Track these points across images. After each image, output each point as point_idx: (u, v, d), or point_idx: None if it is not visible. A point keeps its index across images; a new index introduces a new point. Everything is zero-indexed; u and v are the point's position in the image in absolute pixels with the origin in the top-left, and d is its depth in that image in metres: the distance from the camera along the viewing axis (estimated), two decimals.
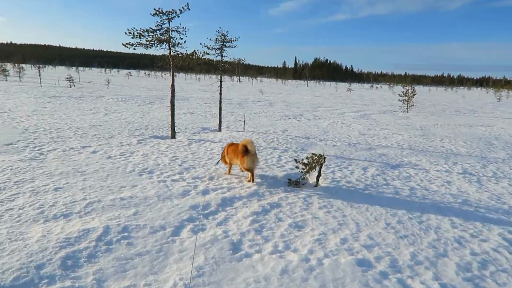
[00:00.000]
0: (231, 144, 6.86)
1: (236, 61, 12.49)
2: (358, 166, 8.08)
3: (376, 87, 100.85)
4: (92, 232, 4.04)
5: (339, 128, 14.75)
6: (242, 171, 6.80)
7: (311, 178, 6.73)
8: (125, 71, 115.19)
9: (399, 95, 26.41)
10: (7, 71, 41.00)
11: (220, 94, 12.86)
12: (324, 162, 6.40)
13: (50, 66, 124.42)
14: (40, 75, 31.96)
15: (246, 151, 6.17)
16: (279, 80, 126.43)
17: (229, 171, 6.91)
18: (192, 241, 4.02)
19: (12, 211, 4.54)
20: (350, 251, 4.03)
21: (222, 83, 13.05)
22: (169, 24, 9.94)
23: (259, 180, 6.59)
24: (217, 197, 5.48)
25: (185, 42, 10.19)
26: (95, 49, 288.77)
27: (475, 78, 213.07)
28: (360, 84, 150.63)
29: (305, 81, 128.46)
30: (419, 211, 5.41)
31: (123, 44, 9.66)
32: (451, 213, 5.44)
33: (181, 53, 10.28)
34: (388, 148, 10.62)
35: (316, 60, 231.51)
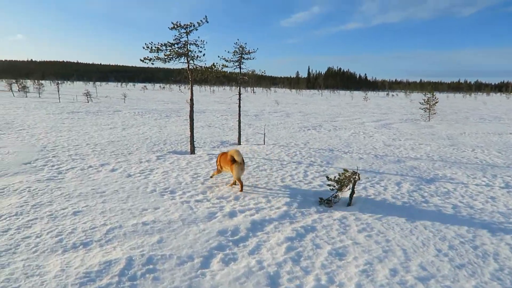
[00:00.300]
0: (223, 154, 7.06)
1: (250, 72, 12.14)
2: (390, 181, 7.56)
3: (392, 95, 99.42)
4: (114, 264, 3.67)
5: (362, 139, 14.20)
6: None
7: (343, 194, 6.25)
8: (141, 85, 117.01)
9: (420, 103, 25.68)
10: (27, 87, 42.08)
11: (239, 106, 12.54)
12: (359, 179, 5.93)
13: (69, 82, 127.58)
14: (58, 91, 32.43)
15: (234, 161, 6.43)
16: (293, 90, 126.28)
17: (216, 173, 7.24)
18: (224, 275, 3.60)
19: (29, 239, 4.23)
20: (403, 285, 3.54)
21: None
22: (187, 37, 9.72)
23: (288, 199, 6.15)
24: (246, 220, 5.06)
25: (204, 55, 9.94)
26: (111, 64, 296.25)
27: (493, 84, 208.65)
28: (375, 92, 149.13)
29: (319, 90, 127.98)
30: (469, 234, 4.86)
31: (141, 60, 9.47)
32: (506, 235, 4.87)
33: (200, 67, 10.03)
34: (418, 160, 10.03)
35: (329, 69, 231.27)
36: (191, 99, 10.22)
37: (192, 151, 10.39)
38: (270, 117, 23.60)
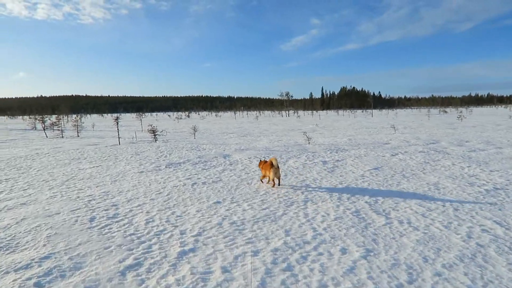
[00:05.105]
0: (265, 162, 9.07)
1: None
2: None
3: (444, 112, 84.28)
4: None
5: None
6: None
7: None
8: (162, 114, 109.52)
9: None
10: (57, 124, 31.71)
11: None
12: None
13: (83, 115, 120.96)
14: (118, 129, 22.55)
15: (272, 165, 8.41)
16: (323, 112, 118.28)
17: (262, 180, 9.12)
18: None
19: None
20: None
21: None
22: None
23: None
24: None
25: None
26: (119, 95, 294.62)
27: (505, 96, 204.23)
28: (402, 109, 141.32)
29: (338, 110, 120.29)
30: None
31: None
32: None
33: None
34: None
35: (343, 88, 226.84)
36: None
37: None
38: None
